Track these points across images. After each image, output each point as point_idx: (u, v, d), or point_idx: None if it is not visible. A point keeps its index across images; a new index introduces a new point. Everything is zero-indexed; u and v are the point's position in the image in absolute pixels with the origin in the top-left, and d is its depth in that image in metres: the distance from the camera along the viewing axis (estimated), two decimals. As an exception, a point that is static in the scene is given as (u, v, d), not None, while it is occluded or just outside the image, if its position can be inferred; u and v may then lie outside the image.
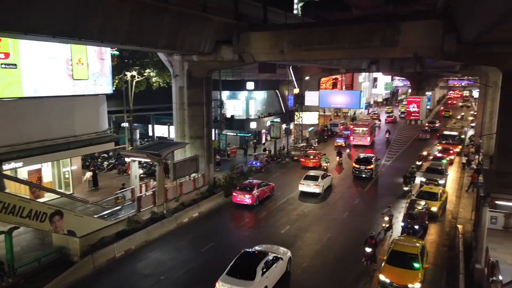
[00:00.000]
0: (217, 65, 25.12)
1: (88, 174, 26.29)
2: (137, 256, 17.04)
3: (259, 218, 21.93)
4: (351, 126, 44.61)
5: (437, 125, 54.50)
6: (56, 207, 15.69)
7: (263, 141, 43.75)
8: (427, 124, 55.10)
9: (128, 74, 32.68)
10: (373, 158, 30.30)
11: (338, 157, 33.66)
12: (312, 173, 26.64)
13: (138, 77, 33.39)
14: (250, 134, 42.05)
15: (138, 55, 32.39)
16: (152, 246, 18.10)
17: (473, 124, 51.32)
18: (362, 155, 31.20)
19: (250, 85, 43.29)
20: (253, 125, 42.44)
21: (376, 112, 69.90)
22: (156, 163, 21.15)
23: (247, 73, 43.08)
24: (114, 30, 16.57)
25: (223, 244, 18.34)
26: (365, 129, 41.96)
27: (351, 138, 42.20)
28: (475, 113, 55.02)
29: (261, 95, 46.66)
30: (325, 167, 31.04)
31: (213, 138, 30.36)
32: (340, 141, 41.55)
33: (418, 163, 32.52)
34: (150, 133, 43.93)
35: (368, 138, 41.65)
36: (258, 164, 31.85)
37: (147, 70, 33.55)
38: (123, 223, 18.65)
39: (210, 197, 23.92)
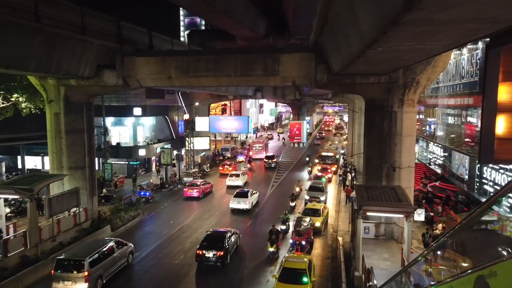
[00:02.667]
0: (100, 90, 23.68)
1: None
2: (3, 310, 14.62)
3: (147, 254, 20.81)
4: (251, 144, 55.22)
5: (323, 134, 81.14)
6: None
7: (153, 168, 42.28)
8: (317, 134, 79.35)
9: (-10, 99, 28.55)
10: (276, 155, 48.11)
11: (249, 164, 45.07)
12: (234, 172, 36.07)
13: (3, 103, 29.36)
14: (138, 162, 40.21)
15: (3, 78, 28.51)
16: (23, 296, 15.72)
17: (342, 151, 57.50)
18: (269, 154, 48.49)
19: (137, 110, 41.73)
20: (141, 152, 40.72)
21: (270, 134, 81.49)
22: (27, 199, 18.65)
23: (133, 98, 41.49)
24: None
25: (108, 280, 16.83)
26: (261, 145, 53.59)
27: (251, 153, 51.18)
28: (346, 136, 62.25)
29: (149, 121, 45.26)
30: (244, 169, 39.86)
31: (96, 168, 28.19)
32: (241, 158, 47.79)
33: (292, 203, 27.53)
34: (20, 166, 38.62)
35: (264, 152, 51.74)
36: (147, 194, 30.48)
37: (15, 95, 29.71)
38: (-17, 273, 15.81)
39: (94, 232, 21.91)
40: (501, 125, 19.27)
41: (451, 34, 8.98)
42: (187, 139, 42.77)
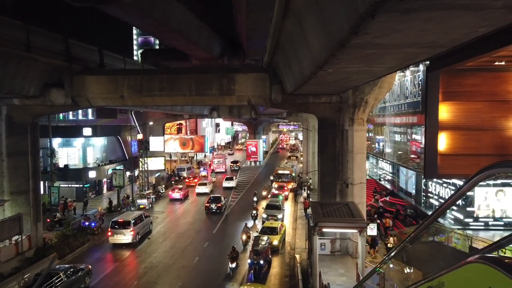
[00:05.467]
0: (47, 110, 22.56)
1: None
2: None
3: (97, 283, 19.69)
4: (211, 160, 61.59)
5: (284, 146, 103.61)
6: None
7: (105, 190, 40.51)
8: (279, 145, 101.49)
9: None
10: (239, 161, 61.81)
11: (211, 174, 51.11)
12: (203, 181, 42.58)
13: None
14: (88, 185, 38.41)
15: None
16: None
17: (296, 171, 58.53)
18: (232, 160, 62.80)
19: (87, 131, 40.02)
20: (92, 174, 38.91)
21: (231, 150, 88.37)
22: (-39, 228, 17.10)
23: (83, 118, 39.91)
24: None
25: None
26: (221, 160, 59.88)
27: (212, 167, 56.95)
28: (302, 154, 63.52)
29: (100, 141, 43.55)
30: (214, 179, 47.43)
31: (42, 192, 26.53)
32: (204, 173, 52.13)
33: (232, 265, 19.67)
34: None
35: (223, 166, 58.33)
36: (93, 224, 27.99)
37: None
38: None
39: (39, 261, 20.37)
40: (442, 142, 20.65)
41: (394, 57, 9.57)
42: (140, 159, 41.57)
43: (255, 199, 33.66)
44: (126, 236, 23.64)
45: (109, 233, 23.98)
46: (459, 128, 19.73)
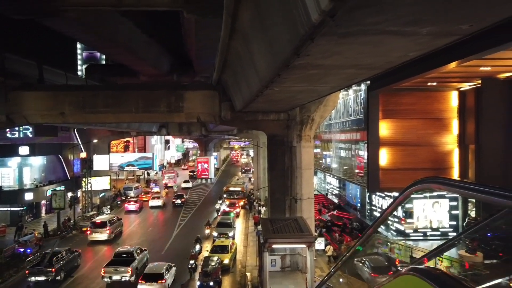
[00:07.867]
0: (-23, 128, 20.87)
1: None
2: None
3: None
4: (163, 175, 64.40)
5: (238, 159, 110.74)
6: None
7: (43, 214, 37.81)
8: (233, 160, 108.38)
9: None
10: (195, 171, 67.08)
11: (166, 189, 54.68)
12: (156, 195, 45.70)
13: None
14: (25, 207, 35.70)
15: None
16: None
17: (248, 187, 58.77)
18: (191, 171, 71.23)
19: (24, 149, 37.33)
20: (28, 196, 36.19)
21: (186, 166, 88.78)
22: None
23: (14, 136, 37.24)
24: None
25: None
26: (172, 175, 62.01)
27: (164, 182, 59.94)
28: (253, 170, 63.96)
29: (39, 160, 40.86)
30: (175, 189, 54.67)
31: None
32: (157, 189, 53.46)
33: None
34: None
35: (174, 181, 60.43)
36: (28, 250, 25.69)
37: None
38: None
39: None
40: (383, 157, 21.79)
41: (336, 78, 10.06)
42: (84, 179, 39.48)
43: (197, 247, 24.32)
44: (103, 234, 28.28)
45: (88, 232, 28.67)
46: (398, 144, 21.02)
